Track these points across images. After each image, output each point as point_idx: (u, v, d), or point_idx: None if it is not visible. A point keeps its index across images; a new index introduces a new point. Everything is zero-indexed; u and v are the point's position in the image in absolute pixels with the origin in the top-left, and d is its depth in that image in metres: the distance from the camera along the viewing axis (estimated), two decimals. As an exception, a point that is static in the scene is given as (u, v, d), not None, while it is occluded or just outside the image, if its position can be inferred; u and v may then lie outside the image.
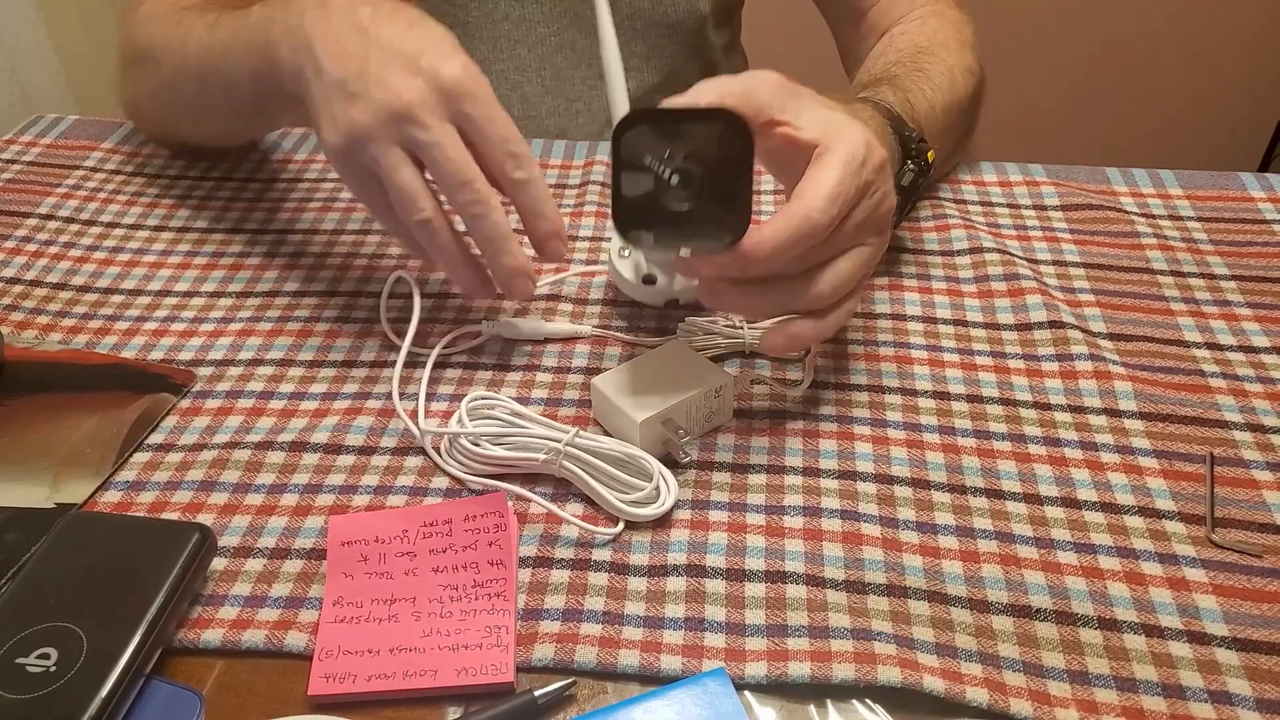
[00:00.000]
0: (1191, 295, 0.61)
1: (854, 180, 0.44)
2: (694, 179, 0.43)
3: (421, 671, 0.42)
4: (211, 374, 0.57)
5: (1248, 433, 0.52)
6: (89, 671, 0.40)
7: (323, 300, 0.63)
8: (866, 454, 0.51)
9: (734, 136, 0.42)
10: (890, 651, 0.42)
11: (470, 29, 0.81)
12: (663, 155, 0.43)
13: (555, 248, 0.52)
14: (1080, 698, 0.41)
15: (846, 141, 0.45)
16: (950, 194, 0.70)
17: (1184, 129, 1.93)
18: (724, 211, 0.43)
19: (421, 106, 0.48)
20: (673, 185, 0.43)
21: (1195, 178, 0.71)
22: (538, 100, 0.84)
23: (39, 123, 0.81)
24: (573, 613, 0.44)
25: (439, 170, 0.49)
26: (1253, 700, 0.40)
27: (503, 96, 0.50)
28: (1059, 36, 1.82)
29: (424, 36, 0.50)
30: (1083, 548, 0.46)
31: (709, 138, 0.42)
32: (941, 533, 0.47)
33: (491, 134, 0.49)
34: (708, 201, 0.43)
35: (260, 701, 0.42)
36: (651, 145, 0.43)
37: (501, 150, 0.49)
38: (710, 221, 0.43)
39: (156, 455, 0.52)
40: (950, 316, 0.60)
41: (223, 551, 0.47)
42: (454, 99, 0.49)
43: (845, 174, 0.44)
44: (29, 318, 0.62)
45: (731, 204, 0.43)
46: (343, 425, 0.54)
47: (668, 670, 0.42)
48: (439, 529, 0.47)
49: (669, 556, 0.46)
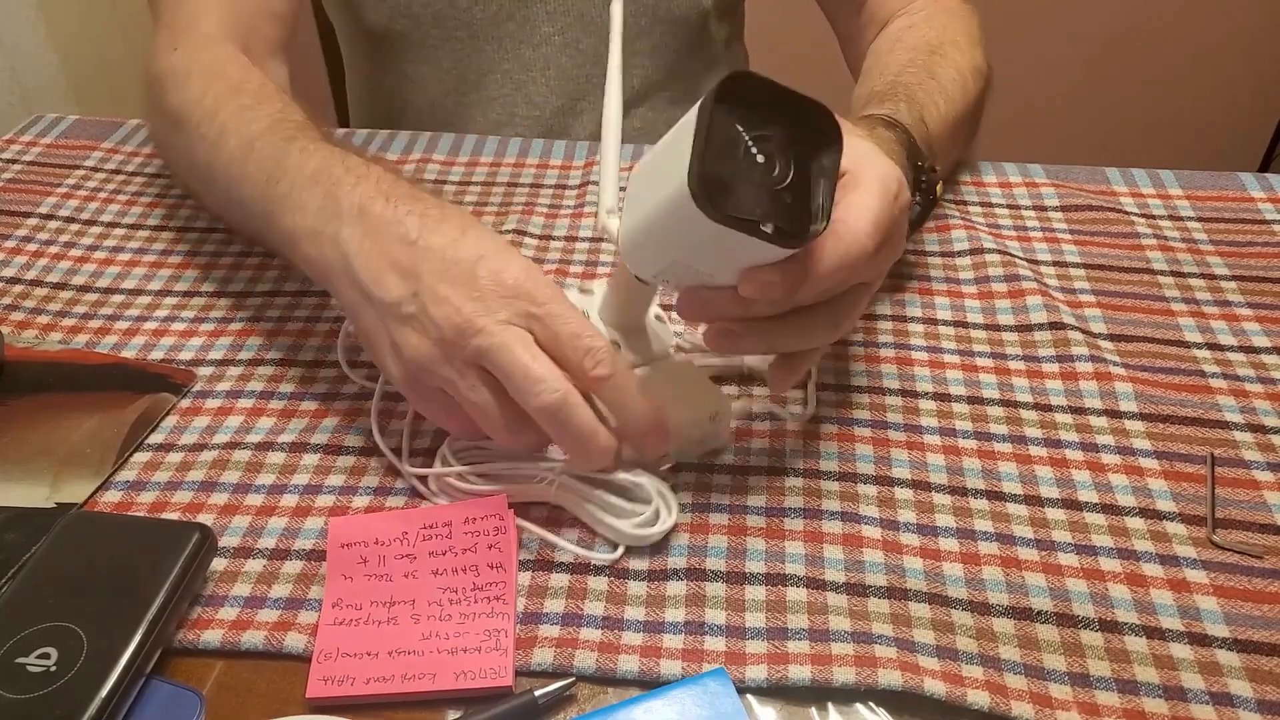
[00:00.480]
0: (1192, 295, 0.61)
1: (890, 211, 0.44)
2: (776, 164, 0.39)
3: (420, 674, 0.42)
4: (212, 374, 0.57)
5: (1248, 433, 0.52)
6: (89, 671, 0.40)
7: (323, 300, 0.63)
8: (867, 456, 0.51)
9: (826, 133, 0.40)
10: (891, 654, 0.42)
11: (475, 30, 0.81)
12: (755, 129, 0.39)
13: (654, 444, 0.47)
14: (1081, 700, 0.41)
15: (880, 174, 0.44)
16: (950, 195, 0.70)
17: (1184, 129, 1.93)
18: (798, 210, 0.39)
19: (486, 316, 0.44)
20: (759, 162, 0.39)
21: (1195, 178, 0.71)
22: (543, 100, 0.84)
23: (39, 123, 0.81)
24: (572, 617, 0.44)
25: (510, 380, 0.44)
26: (1254, 702, 0.40)
27: (507, 96, 0.49)
28: (1059, 36, 1.82)
29: (479, 242, 0.46)
30: (1083, 549, 0.46)
31: (804, 126, 0.39)
32: (942, 535, 0.47)
33: (563, 331, 0.44)
34: (786, 193, 0.39)
35: (260, 702, 0.42)
36: (745, 116, 0.39)
37: (577, 347, 0.44)
38: (781, 216, 0.39)
39: (156, 455, 0.52)
40: (950, 318, 0.60)
41: (223, 552, 0.47)
42: (519, 302, 0.45)
43: (883, 204, 0.43)
44: (29, 318, 0.62)
45: (807, 204, 0.40)
46: (343, 426, 0.53)
47: (667, 675, 0.42)
48: (439, 531, 0.47)
49: (669, 560, 0.46)
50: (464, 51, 0.82)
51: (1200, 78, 1.86)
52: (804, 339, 0.46)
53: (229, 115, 0.59)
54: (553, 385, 0.43)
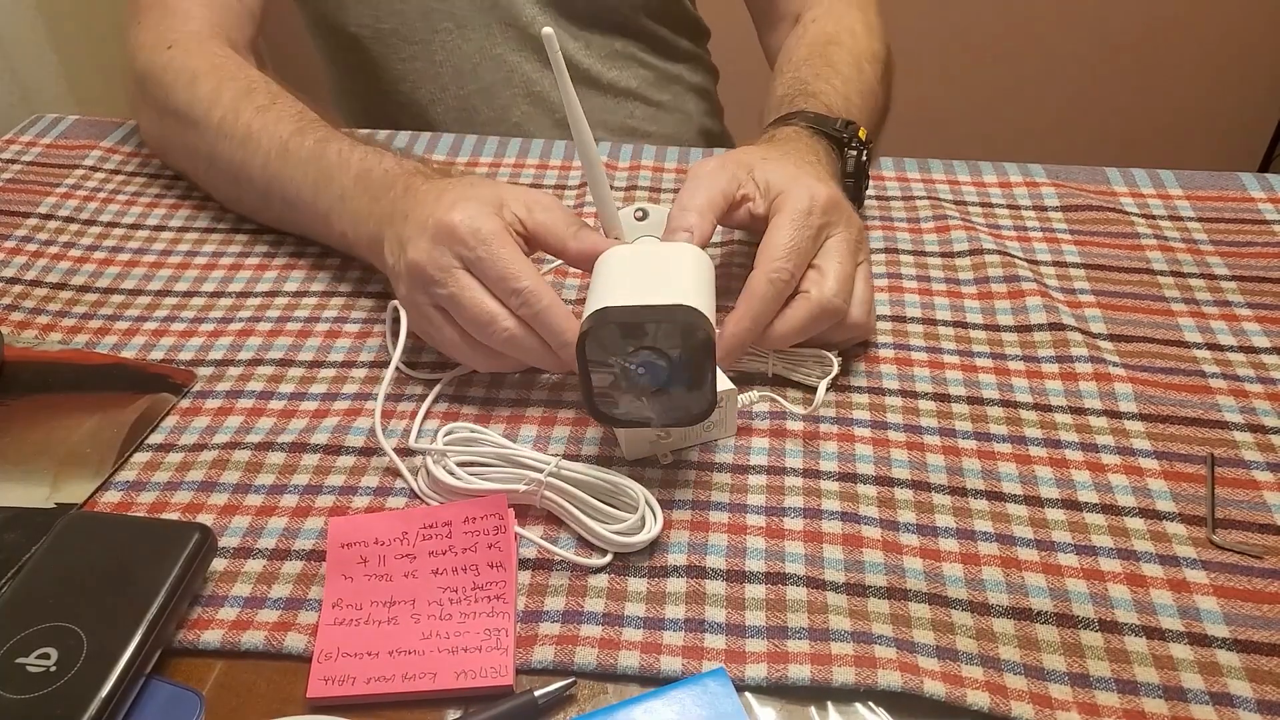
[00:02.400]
0: (1191, 296, 0.61)
1: (806, 230, 0.51)
2: (660, 370, 0.45)
3: (420, 674, 0.42)
4: (211, 374, 0.57)
5: (1248, 433, 0.52)
6: (89, 671, 0.40)
7: (322, 300, 0.63)
8: (867, 456, 0.51)
9: (694, 330, 0.44)
10: (890, 655, 0.42)
11: (460, 19, 0.81)
12: (628, 351, 0.45)
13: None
14: (1081, 700, 0.41)
15: (790, 201, 0.52)
16: (950, 195, 0.70)
17: (1184, 129, 1.93)
18: (690, 395, 0.46)
19: (434, 268, 0.51)
20: (640, 375, 0.46)
21: (1195, 178, 0.71)
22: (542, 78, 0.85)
23: (39, 123, 0.81)
24: (572, 615, 0.44)
25: (465, 324, 0.52)
26: (1254, 702, 0.40)
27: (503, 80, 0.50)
28: (1059, 37, 1.82)
29: (454, 192, 0.53)
30: (1083, 550, 0.46)
31: (671, 333, 0.45)
32: (942, 535, 0.47)
33: (491, 274, 0.50)
34: (674, 388, 0.46)
35: (260, 702, 0.42)
36: (617, 343, 0.45)
37: (504, 290, 0.50)
38: (678, 404, 0.47)
39: (157, 455, 0.52)
40: (950, 318, 0.60)
41: (223, 552, 0.47)
42: (460, 248, 0.51)
43: (795, 229, 0.51)
44: (29, 318, 0.62)
45: (697, 389, 0.46)
46: (343, 426, 0.53)
47: (668, 671, 0.42)
48: (439, 531, 0.47)
49: (669, 558, 0.46)
50: (453, 42, 0.82)
51: (1200, 78, 1.86)
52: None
53: (251, 116, 0.63)
54: (502, 325, 0.51)
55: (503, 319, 0.51)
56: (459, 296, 0.51)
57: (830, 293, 0.51)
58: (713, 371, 0.46)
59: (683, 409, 0.47)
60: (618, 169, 0.73)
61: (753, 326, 0.50)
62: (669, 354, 0.45)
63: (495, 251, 0.50)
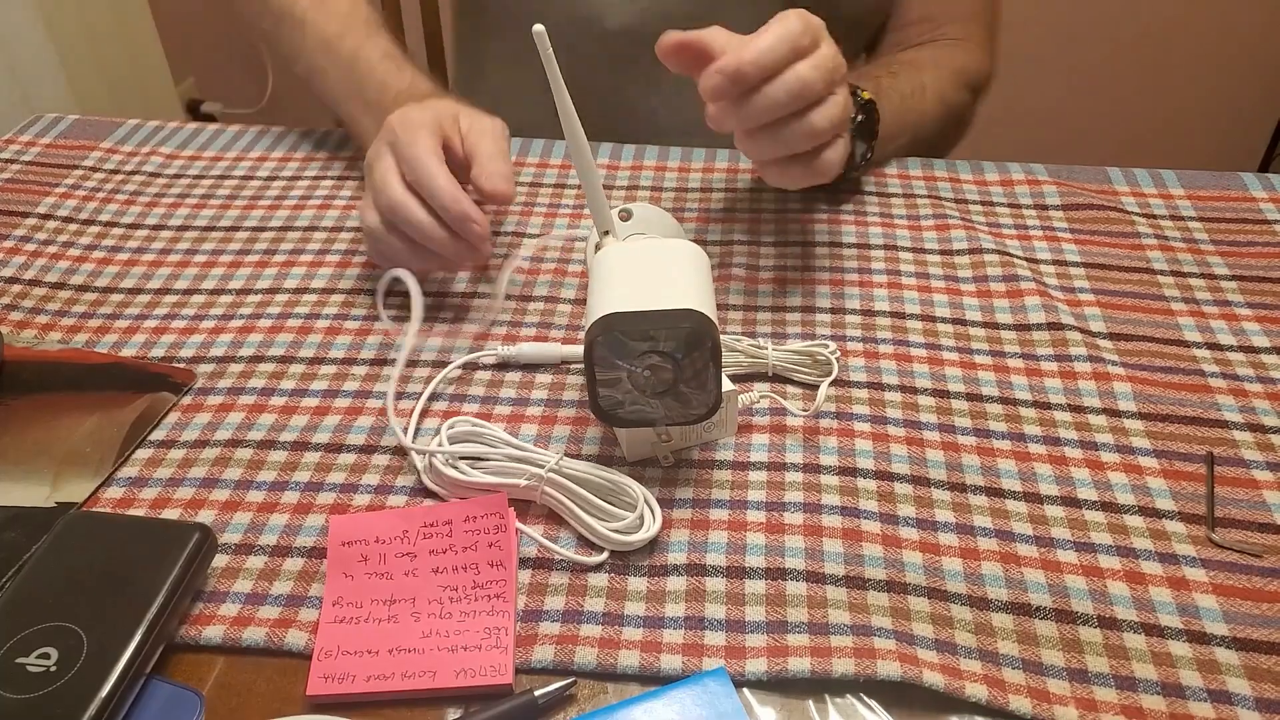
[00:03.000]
0: (1192, 295, 0.61)
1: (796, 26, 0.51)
2: (665, 373, 0.46)
3: (420, 673, 0.42)
4: (213, 371, 0.57)
5: (1248, 432, 0.52)
6: (89, 671, 0.40)
7: (323, 297, 0.63)
8: (866, 451, 0.51)
9: (701, 336, 0.45)
10: (890, 647, 0.42)
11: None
12: (635, 356, 0.45)
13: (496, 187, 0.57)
14: (1079, 695, 0.41)
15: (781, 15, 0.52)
16: (951, 194, 0.70)
17: (1184, 129, 1.93)
18: (694, 396, 0.47)
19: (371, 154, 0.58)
20: (646, 378, 0.46)
21: (1196, 177, 0.71)
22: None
23: (39, 122, 0.81)
24: (572, 614, 0.44)
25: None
26: (1252, 700, 0.40)
27: None
28: (1060, 37, 1.82)
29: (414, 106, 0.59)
30: (1082, 546, 0.46)
31: (678, 338, 0.45)
32: (941, 530, 0.47)
33: (404, 155, 0.56)
34: (679, 389, 0.46)
35: (260, 701, 0.42)
36: (623, 349, 0.45)
37: (417, 180, 0.55)
38: (683, 404, 0.47)
39: (159, 452, 0.52)
40: (949, 315, 0.60)
41: (224, 548, 0.47)
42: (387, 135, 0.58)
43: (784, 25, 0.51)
44: (28, 317, 0.62)
45: (701, 390, 0.46)
46: (344, 424, 0.54)
47: (668, 670, 0.42)
48: (439, 530, 0.47)
49: (669, 555, 0.46)
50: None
51: (1200, 78, 1.86)
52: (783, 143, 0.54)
53: (308, 5, 0.72)
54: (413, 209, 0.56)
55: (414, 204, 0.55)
56: (382, 175, 0.56)
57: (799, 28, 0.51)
58: (717, 372, 0.46)
59: (688, 408, 0.47)
60: (619, 169, 0.73)
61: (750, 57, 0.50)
62: (675, 357, 0.45)
63: (413, 135, 0.56)
